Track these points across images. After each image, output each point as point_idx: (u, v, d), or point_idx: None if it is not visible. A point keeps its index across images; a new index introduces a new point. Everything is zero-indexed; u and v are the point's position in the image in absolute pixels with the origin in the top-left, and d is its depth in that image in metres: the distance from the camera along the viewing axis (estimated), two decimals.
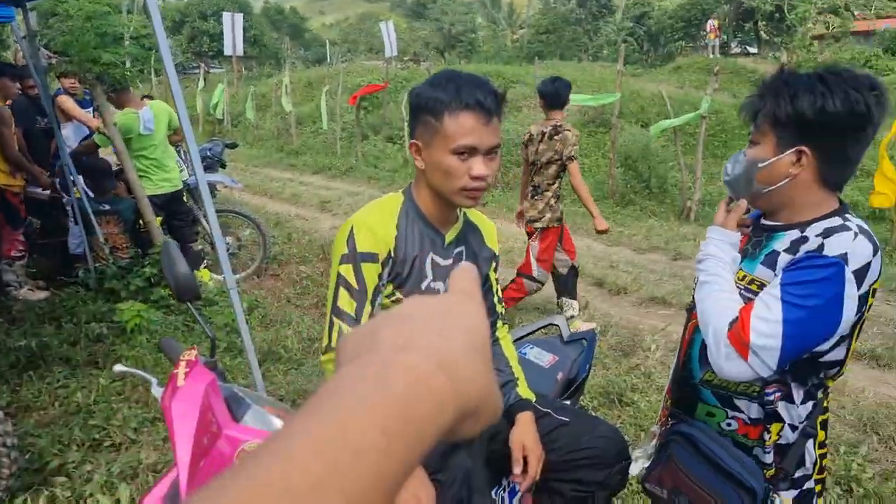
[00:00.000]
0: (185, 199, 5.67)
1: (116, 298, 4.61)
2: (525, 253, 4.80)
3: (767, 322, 1.33)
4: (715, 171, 11.34)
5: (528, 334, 2.57)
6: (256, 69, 33.58)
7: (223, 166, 7.04)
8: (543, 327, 2.62)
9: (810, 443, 1.52)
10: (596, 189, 10.13)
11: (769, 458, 1.52)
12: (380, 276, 1.56)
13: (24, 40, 4.80)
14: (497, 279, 1.93)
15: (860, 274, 1.31)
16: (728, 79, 18.20)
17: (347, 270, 1.52)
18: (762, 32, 34.44)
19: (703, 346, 1.55)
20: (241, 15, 21.31)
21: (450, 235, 1.69)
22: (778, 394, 1.50)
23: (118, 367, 1.59)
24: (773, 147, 1.40)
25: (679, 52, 33.83)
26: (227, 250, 6.04)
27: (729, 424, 1.56)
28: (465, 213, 1.79)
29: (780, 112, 1.36)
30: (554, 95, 4.51)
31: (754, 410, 1.52)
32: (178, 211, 5.50)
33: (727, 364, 1.38)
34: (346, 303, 1.51)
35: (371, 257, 1.53)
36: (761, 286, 1.42)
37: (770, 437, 1.51)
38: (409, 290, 1.63)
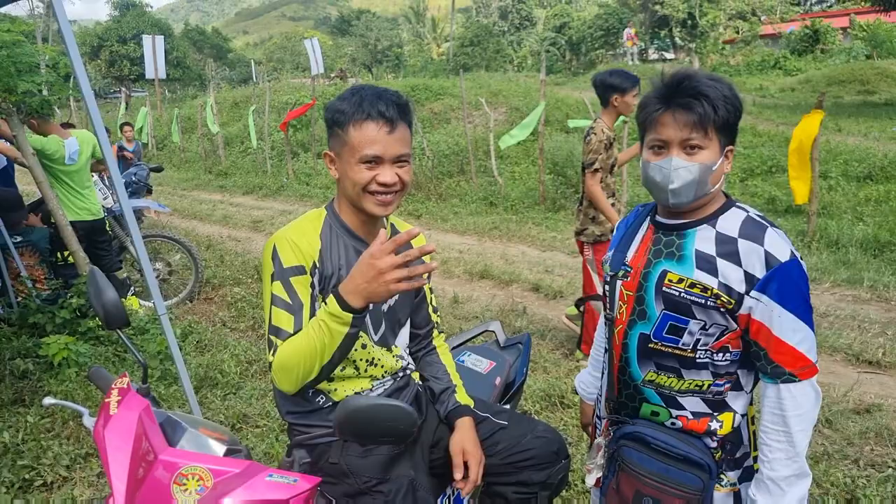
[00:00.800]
0: (107, 227, 5.52)
1: (42, 333, 4.41)
2: (583, 272, 4.38)
3: (805, 338, 1.46)
4: (639, 173, 11.81)
5: (466, 341, 2.62)
6: (181, 91, 32.73)
7: (150, 191, 6.85)
8: (480, 334, 2.68)
9: (746, 421, 1.61)
10: (526, 196, 10.37)
11: (714, 444, 1.57)
12: (312, 287, 1.57)
13: None
14: (431, 288, 1.95)
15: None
16: (647, 83, 18.91)
17: (278, 287, 1.53)
18: (677, 38, 36.05)
19: (641, 346, 1.58)
20: (162, 37, 20.78)
21: None
22: (728, 385, 1.56)
23: (48, 400, 1.55)
24: (717, 150, 1.48)
25: (600, 60, 35.01)
26: (158, 276, 5.96)
27: (673, 423, 1.59)
28: (392, 225, 1.81)
29: (728, 117, 1.46)
30: (598, 89, 4.05)
31: (700, 405, 1.57)
32: (99, 240, 5.37)
33: (815, 398, 1.48)
34: (282, 320, 1.51)
35: (299, 270, 1.55)
36: (704, 289, 1.47)
37: (722, 427, 1.55)
38: None
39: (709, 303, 1.47)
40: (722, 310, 1.47)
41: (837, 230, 7.20)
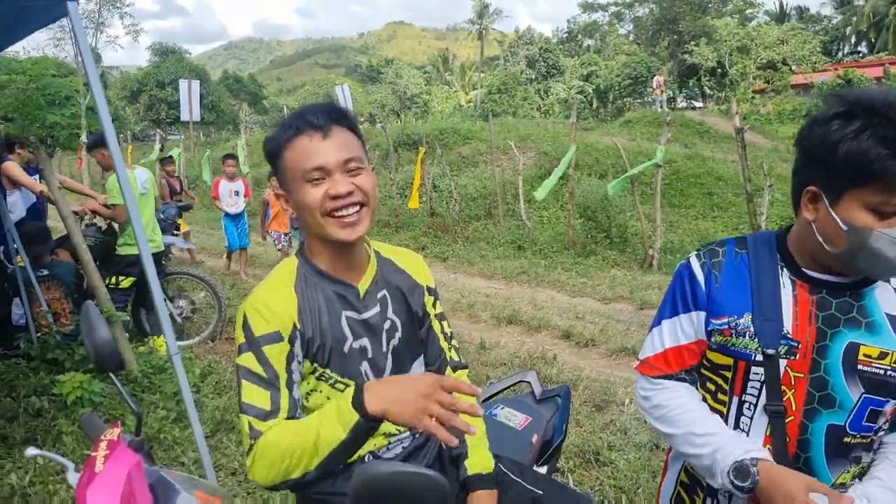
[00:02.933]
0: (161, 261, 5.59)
1: (60, 369, 4.31)
2: None
3: None
4: (673, 219, 11.57)
5: (498, 392, 2.41)
6: (214, 135, 33.56)
7: (177, 229, 6.84)
8: (514, 384, 2.46)
9: None
10: (555, 240, 10.19)
11: None
12: (290, 356, 1.36)
13: None
14: (439, 314, 1.66)
15: None
16: (678, 130, 18.84)
17: (248, 360, 1.33)
18: (705, 87, 36.10)
19: (832, 441, 1.25)
20: (198, 82, 21.40)
21: (363, 284, 1.49)
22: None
23: (31, 451, 1.38)
24: None
25: (627, 108, 35.13)
26: (181, 314, 5.86)
27: None
28: (377, 253, 1.58)
29: None
30: None
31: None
32: (157, 272, 5.34)
33: None
34: (253, 395, 1.31)
35: (273, 338, 1.34)
36: None
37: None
38: (331, 358, 1.42)
39: None
40: None
41: None
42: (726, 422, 1.34)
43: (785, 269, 1.31)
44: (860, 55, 44.92)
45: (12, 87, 4.30)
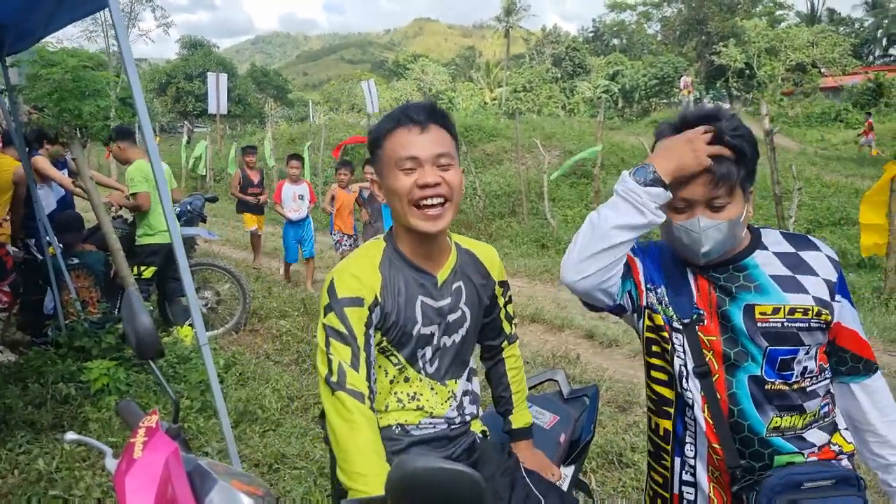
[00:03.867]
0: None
1: (87, 357, 4.37)
2: None
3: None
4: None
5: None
6: (241, 128, 33.89)
7: (203, 220, 6.91)
8: (542, 383, 2.44)
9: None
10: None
11: (850, 465, 1.50)
12: (368, 322, 1.46)
13: (2, 95, 4.68)
14: (507, 301, 1.81)
15: None
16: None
17: (331, 319, 1.44)
18: (733, 89, 35.59)
19: (755, 390, 1.43)
20: (226, 75, 21.58)
21: (442, 274, 1.59)
22: (830, 403, 1.51)
23: (70, 436, 1.40)
24: (741, 199, 1.42)
25: (653, 108, 34.77)
26: (206, 305, 5.92)
27: (807, 463, 1.46)
28: (457, 245, 1.68)
29: (751, 169, 1.41)
30: None
31: (820, 434, 1.47)
32: (175, 262, 5.41)
33: None
34: (338, 350, 1.42)
35: (355, 301, 1.45)
36: (805, 311, 1.40)
37: (842, 447, 1.49)
38: (398, 337, 1.53)
39: (812, 324, 1.41)
40: (823, 326, 1.42)
41: None
42: (674, 382, 1.54)
43: (679, 264, 1.54)
44: (891, 58, 44.00)
45: (48, 78, 4.36)
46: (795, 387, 1.43)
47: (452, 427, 1.64)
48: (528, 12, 60.39)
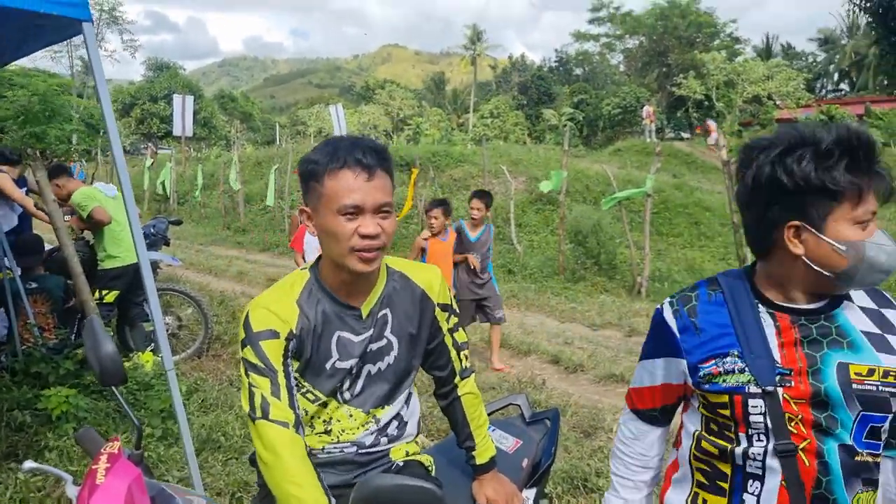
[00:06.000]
0: None
1: (44, 383, 4.24)
2: None
3: None
4: (661, 247, 11.68)
5: (488, 415, 2.42)
6: (206, 150, 33.55)
7: (167, 244, 6.82)
8: (504, 407, 2.47)
9: None
10: (546, 265, 10.24)
11: None
12: (285, 353, 1.46)
13: None
14: (452, 328, 1.73)
15: None
16: (666, 161, 19.09)
17: (248, 353, 1.44)
18: (693, 119, 36.62)
19: (846, 462, 1.25)
20: (192, 97, 21.44)
21: (367, 305, 1.56)
22: None
23: (28, 464, 1.38)
24: None
25: (617, 136, 35.55)
26: (168, 330, 5.78)
27: None
28: (390, 271, 1.64)
29: None
30: None
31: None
32: (138, 285, 5.33)
33: None
34: (258, 382, 1.42)
35: (270, 334, 1.44)
36: None
37: None
38: (311, 370, 1.53)
39: None
40: None
41: None
42: (734, 459, 1.32)
43: (760, 305, 1.34)
44: (842, 93, 45.94)
45: (13, 100, 4.31)
46: (877, 459, 1.29)
47: (361, 451, 1.61)
48: (493, 41, 61.52)
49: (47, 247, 5.55)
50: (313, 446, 1.55)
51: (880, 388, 1.25)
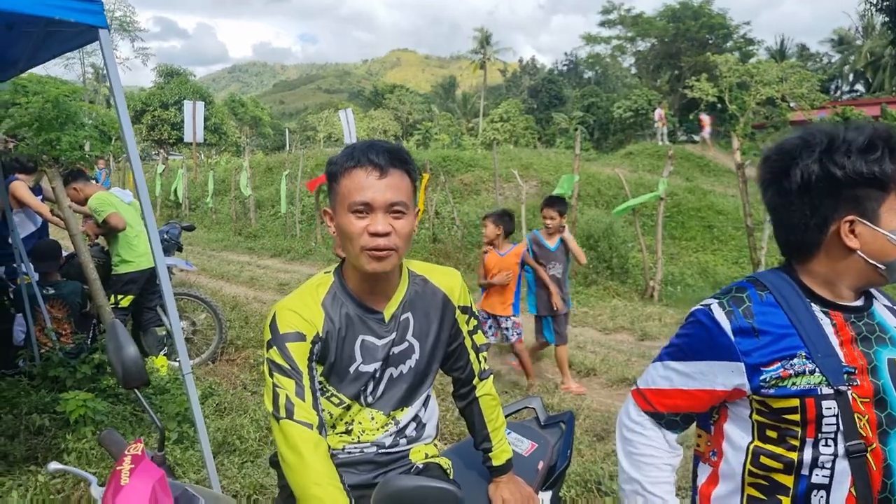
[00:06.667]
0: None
1: (62, 387, 4.30)
2: None
3: None
4: (674, 251, 11.63)
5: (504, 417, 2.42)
6: (217, 156, 33.82)
7: (180, 249, 6.88)
8: (519, 410, 2.48)
9: None
10: None
11: None
12: (310, 356, 1.47)
13: None
14: (472, 330, 1.75)
15: None
16: (679, 164, 19.02)
17: (273, 354, 1.45)
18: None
19: None
20: (203, 103, 21.62)
21: (389, 309, 1.58)
22: None
23: (53, 465, 1.40)
24: None
25: (629, 140, 35.46)
26: (182, 335, 5.85)
27: None
28: (412, 274, 1.66)
29: None
30: None
31: None
32: (151, 290, 5.43)
33: None
34: (282, 382, 1.43)
35: (297, 336, 1.46)
36: None
37: None
38: (335, 374, 1.54)
39: None
40: None
41: None
42: (799, 470, 1.28)
43: (813, 304, 1.32)
44: (858, 94, 45.55)
45: (28, 107, 4.37)
46: None
47: (381, 451, 1.62)
48: (503, 45, 61.56)
49: (64, 253, 5.61)
50: (334, 446, 1.57)
51: None
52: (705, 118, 27.65)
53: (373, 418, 1.60)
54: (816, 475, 1.26)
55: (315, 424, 1.40)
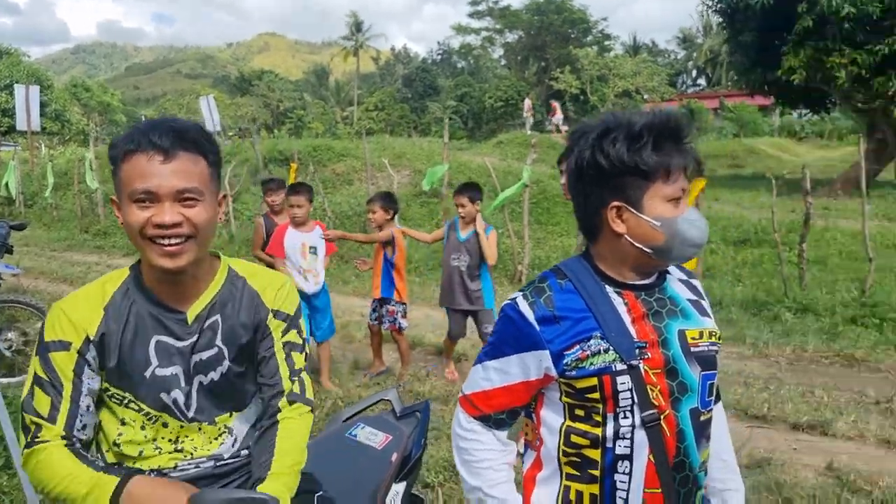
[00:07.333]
0: None
1: None
2: None
3: None
4: (540, 236, 12.06)
5: (358, 412, 2.34)
6: (61, 146, 30.83)
7: (10, 251, 6.16)
8: (375, 403, 2.41)
9: None
10: (430, 257, 10.28)
11: None
12: (78, 367, 1.34)
13: None
14: (287, 343, 1.53)
15: None
16: (545, 152, 19.74)
17: (36, 364, 1.34)
18: (570, 112, 38.31)
19: (696, 423, 1.35)
20: (37, 87, 19.57)
21: (194, 310, 1.42)
22: None
23: None
24: None
25: (500, 129, 36.52)
26: (11, 347, 5.25)
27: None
28: (232, 273, 1.50)
29: None
30: None
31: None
32: None
33: None
34: (41, 400, 1.32)
35: (61, 346, 1.33)
36: (717, 336, 1.42)
37: None
38: (125, 378, 1.38)
39: (719, 348, 1.42)
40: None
41: (720, 291, 7.58)
42: (604, 443, 1.33)
43: (606, 286, 1.38)
44: (700, 88, 49.80)
45: None
46: (710, 415, 1.41)
47: (219, 464, 1.48)
48: (375, 32, 61.08)
49: None
50: (164, 465, 1.42)
51: (709, 348, 1.38)
52: (556, 104, 29.15)
53: (201, 430, 1.46)
54: (619, 446, 1.33)
55: (64, 437, 1.31)
